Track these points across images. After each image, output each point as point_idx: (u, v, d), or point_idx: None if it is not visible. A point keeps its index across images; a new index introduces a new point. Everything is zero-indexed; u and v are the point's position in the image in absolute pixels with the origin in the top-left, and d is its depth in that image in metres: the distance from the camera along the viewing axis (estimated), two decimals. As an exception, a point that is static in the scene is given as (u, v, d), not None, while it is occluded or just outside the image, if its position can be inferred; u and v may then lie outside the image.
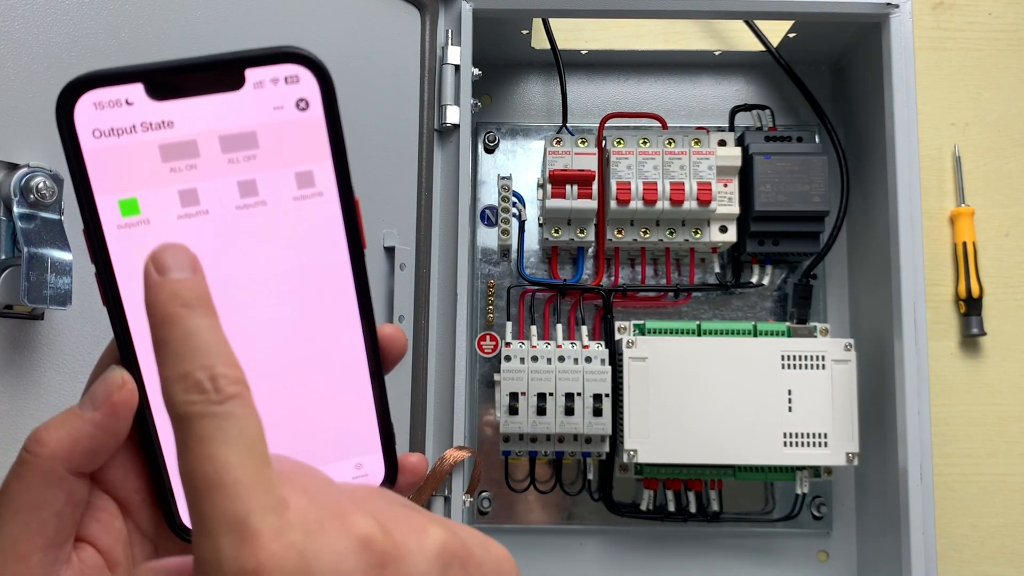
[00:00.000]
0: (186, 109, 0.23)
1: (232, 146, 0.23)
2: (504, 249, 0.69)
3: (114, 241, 0.23)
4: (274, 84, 0.23)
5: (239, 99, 0.23)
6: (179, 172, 0.23)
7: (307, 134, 0.23)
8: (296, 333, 0.25)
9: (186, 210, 0.23)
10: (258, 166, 0.23)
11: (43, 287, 0.34)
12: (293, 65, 0.23)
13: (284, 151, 0.23)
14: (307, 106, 0.23)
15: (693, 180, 0.63)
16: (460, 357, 0.55)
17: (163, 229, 0.23)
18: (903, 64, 0.58)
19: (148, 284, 0.21)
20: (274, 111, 0.23)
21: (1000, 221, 0.73)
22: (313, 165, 0.24)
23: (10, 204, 0.34)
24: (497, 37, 0.65)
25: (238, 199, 0.23)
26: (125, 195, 0.23)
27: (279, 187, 0.24)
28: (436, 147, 0.58)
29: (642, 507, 0.65)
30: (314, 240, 0.24)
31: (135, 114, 0.22)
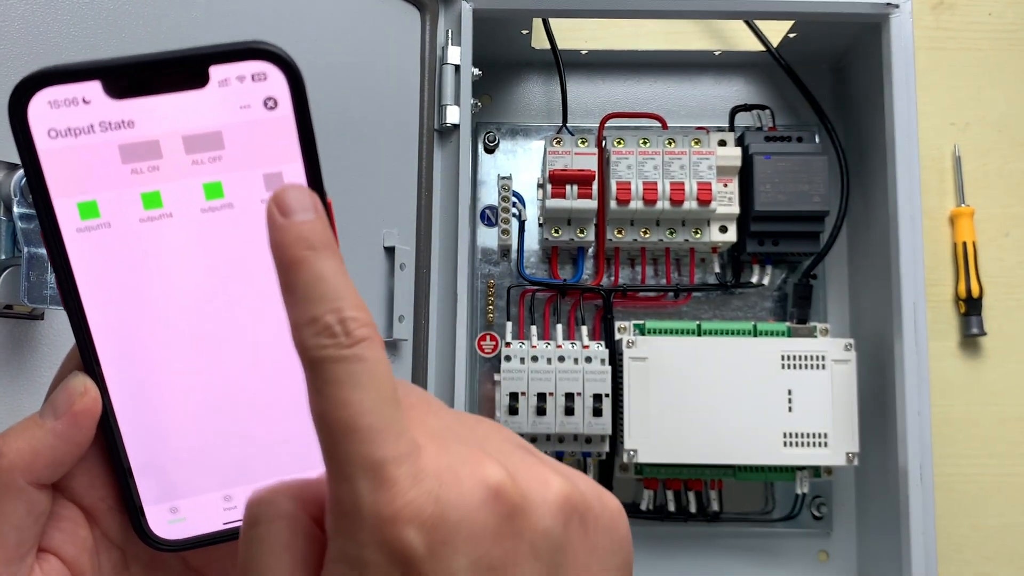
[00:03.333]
0: (147, 108, 0.21)
1: (196, 147, 0.22)
2: (504, 249, 0.69)
3: (73, 244, 0.22)
4: (240, 82, 0.22)
5: (203, 97, 0.22)
6: (141, 174, 0.22)
7: (276, 134, 0.22)
8: (261, 339, 0.24)
9: (148, 213, 0.22)
10: (224, 167, 0.22)
11: (43, 287, 0.34)
12: (260, 62, 0.22)
13: (251, 152, 0.22)
14: (275, 105, 0.22)
15: (693, 180, 0.63)
16: (460, 357, 0.55)
17: (125, 232, 0.22)
18: (903, 64, 0.58)
19: (273, 226, 0.20)
20: (240, 110, 0.22)
21: (1000, 221, 0.73)
22: (282, 166, 0.23)
23: (10, 204, 0.34)
24: (497, 37, 0.65)
25: (203, 202, 0.22)
26: (84, 198, 0.22)
27: (246, 189, 0.22)
28: (436, 147, 0.58)
29: (642, 507, 0.65)
30: None
31: (93, 113, 0.21)
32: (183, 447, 0.24)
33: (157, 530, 0.24)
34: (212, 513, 0.25)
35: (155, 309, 0.23)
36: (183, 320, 0.23)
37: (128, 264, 0.22)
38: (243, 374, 0.24)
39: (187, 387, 0.24)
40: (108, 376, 0.23)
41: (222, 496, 0.25)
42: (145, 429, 0.24)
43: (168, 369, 0.24)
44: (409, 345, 0.55)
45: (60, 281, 0.22)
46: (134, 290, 0.23)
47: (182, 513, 0.25)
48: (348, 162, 0.51)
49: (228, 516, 0.25)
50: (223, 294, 0.23)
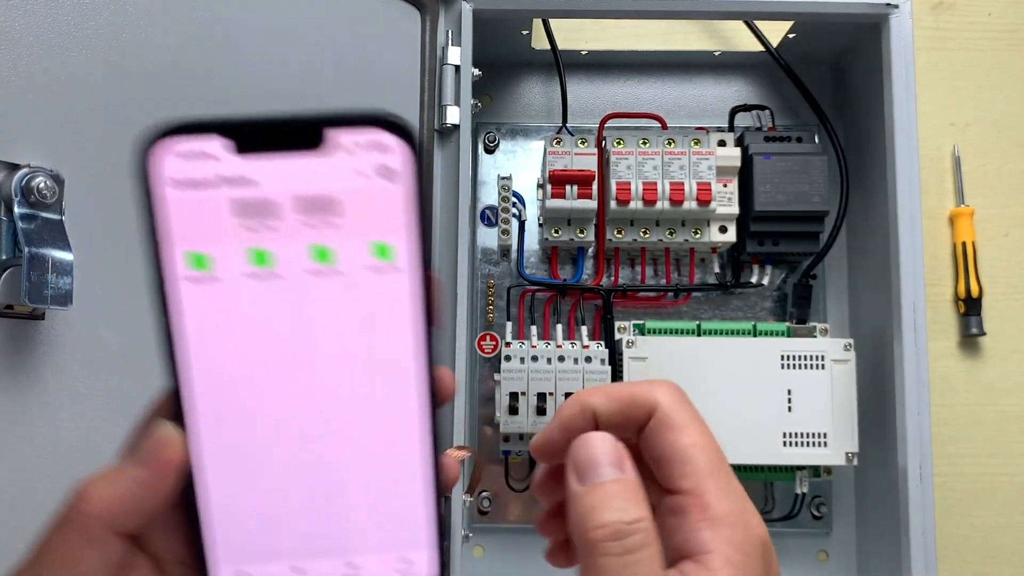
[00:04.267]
0: (267, 167, 0.22)
1: (311, 209, 0.22)
2: (504, 249, 0.69)
3: (178, 293, 0.22)
4: (359, 149, 0.22)
5: (322, 161, 0.22)
6: (254, 231, 0.22)
7: (389, 204, 0.22)
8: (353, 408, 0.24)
9: (255, 269, 0.22)
10: (334, 233, 0.22)
11: (44, 287, 0.34)
12: (381, 131, 0.22)
13: (363, 219, 0.22)
14: (392, 175, 0.22)
15: (693, 180, 0.63)
16: (460, 357, 0.55)
17: (230, 286, 0.22)
18: (903, 64, 0.58)
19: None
20: (357, 177, 0.22)
21: (1000, 221, 0.73)
22: (391, 236, 0.23)
23: (11, 204, 0.34)
24: (497, 37, 0.65)
25: (309, 263, 0.23)
26: (195, 248, 0.22)
27: (354, 255, 0.23)
28: (436, 147, 0.58)
29: (642, 507, 0.65)
30: (385, 314, 0.23)
31: (213, 167, 0.22)
32: (260, 512, 0.24)
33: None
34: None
35: (251, 366, 0.23)
36: (277, 380, 0.23)
37: (230, 318, 0.23)
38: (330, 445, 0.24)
39: (272, 451, 0.24)
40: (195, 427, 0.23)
41: (290, 567, 0.25)
42: (226, 488, 0.24)
43: (256, 431, 0.23)
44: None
45: (161, 327, 0.22)
46: (233, 344, 0.23)
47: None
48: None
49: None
50: (320, 357, 0.23)
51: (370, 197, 0.22)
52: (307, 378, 0.23)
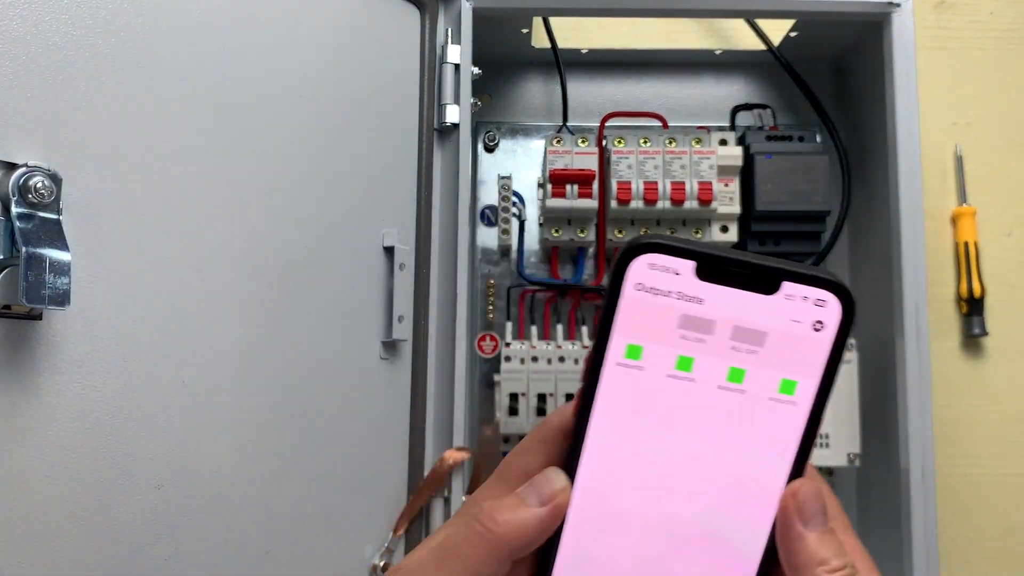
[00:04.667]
0: (719, 294, 0.26)
1: (741, 337, 0.26)
2: (504, 249, 0.68)
3: (608, 373, 0.26)
4: (803, 301, 0.26)
5: (767, 302, 0.26)
6: (687, 341, 0.26)
7: (809, 351, 0.26)
8: (716, 506, 0.27)
9: (677, 372, 0.26)
10: (754, 361, 0.26)
11: (41, 287, 0.33)
12: (828, 292, 0.26)
13: (782, 357, 0.26)
14: (821, 328, 0.26)
15: (694, 179, 0.63)
16: (460, 357, 0.55)
17: (652, 379, 0.26)
18: (904, 63, 0.58)
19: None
20: (791, 322, 0.26)
21: (1002, 221, 0.72)
22: (801, 377, 0.26)
23: (8, 204, 0.34)
24: (497, 36, 0.65)
25: (723, 380, 0.26)
26: (635, 341, 0.26)
27: (762, 384, 0.26)
28: (436, 147, 0.57)
29: (643, 507, 0.65)
30: (771, 439, 0.27)
31: (676, 283, 0.26)
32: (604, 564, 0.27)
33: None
34: None
35: (643, 445, 0.27)
36: (662, 464, 0.27)
37: (642, 404, 0.27)
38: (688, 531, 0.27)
39: (638, 532, 0.27)
40: (578, 483, 0.27)
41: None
42: (583, 551, 0.27)
43: (628, 507, 0.27)
44: (409, 345, 0.55)
45: (583, 394, 0.27)
46: (635, 424, 0.27)
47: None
48: (348, 162, 0.51)
49: None
50: (704, 458, 0.27)
51: (796, 341, 0.26)
52: (685, 467, 0.27)
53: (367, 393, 0.52)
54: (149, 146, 0.40)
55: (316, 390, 0.48)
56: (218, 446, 0.43)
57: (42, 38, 0.36)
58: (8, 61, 0.35)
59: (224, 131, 0.44)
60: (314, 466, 0.48)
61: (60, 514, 0.36)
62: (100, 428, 0.37)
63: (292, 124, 0.47)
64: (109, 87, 0.38)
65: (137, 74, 0.39)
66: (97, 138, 0.38)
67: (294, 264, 0.47)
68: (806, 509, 0.26)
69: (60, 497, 0.36)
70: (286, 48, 0.47)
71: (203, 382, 0.42)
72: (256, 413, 0.45)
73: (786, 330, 0.26)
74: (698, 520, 0.27)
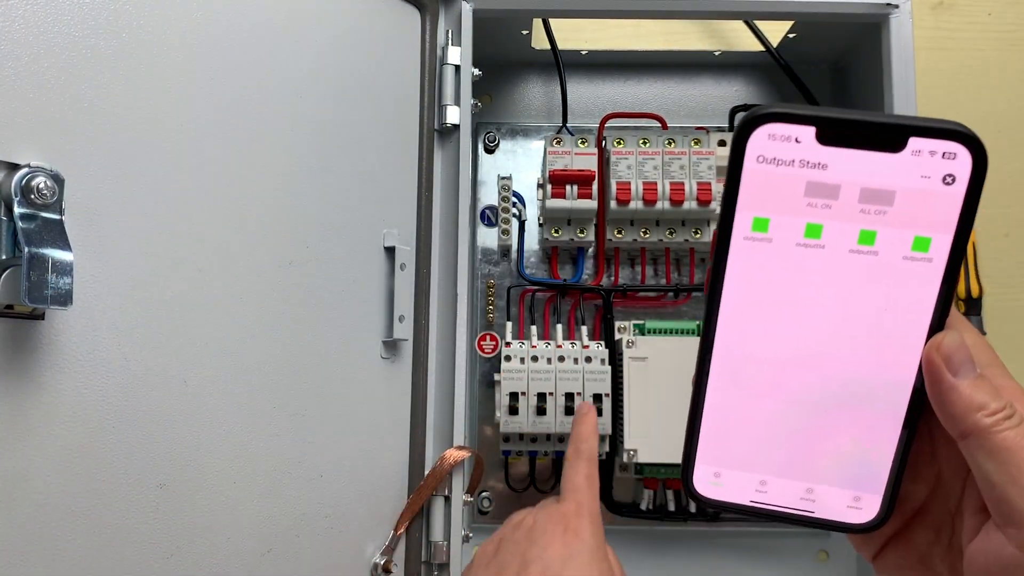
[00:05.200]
0: (842, 157, 0.25)
1: (869, 199, 0.26)
2: (504, 249, 0.69)
3: (736, 248, 0.27)
4: (931, 156, 0.25)
5: (893, 160, 0.25)
6: (814, 208, 0.26)
7: (941, 206, 0.25)
8: (856, 368, 0.27)
9: (806, 240, 0.26)
10: (884, 221, 0.26)
11: (44, 287, 0.34)
12: (956, 144, 0.25)
13: (913, 215, 0.26)
14: (952, 182, 0.25)
15: (693, 180, 0.63)
16: (460, 357, 0.55)
17: (780, 250, 0.26)
18: (903, 64, 0.58)
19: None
20: (920, 179, 0.25)
21: (1000, 221, 0.73)
22: (934, 233, 0.26)
23: (11, 204, 0.34)
24: (497, 37, 0.65)
25: (854, 244, 0.26)
26: (761, 214, 0.26)
27: (895, 244, 0.26)
28: (436, 147, 0.58)
29: (642, 507, 0.65)
30: (907, 298, 0.27)
31: (798, 151, 0.25)
32: (747, 430, 0.29)
33: (698, 485, 0.29)
34: (745, 489, 0.29)
35: (777, 314, 0.27)
36: (797, 331, 0.27)
37: (772, 275, 0.27)
38: (827, 390, 0.28)
39: (775, 385, 0.28)
40: (716, 350, 0.28)
41: (759, 480, 0.29)
42: (726, 404, 0.29)
43: (767, 365, 0.28)
44: (409, 345, 0.55)
45: (713, 272, 0.27)
46: (768, 295, 0.27)
47: (722, 480, 0.29)
48: (348, 162, 0.51)
49: (756, 496, 0.29)
50: (840, 322, 0.27)
51: (926, 197, 0.25)
52: (821, 331, 0.27)
53: (368, 392, 0.52)
54: (151, 146, 0.40)
55: (317, 389, 0.48)
56: (219, 445, 0.43)
57: (44, 39, 0.36)
58: (10, 62, 0.35)
59: (225, 132, 0.44)
60: (315, 465, 0.48)
61: (60, 514, 0.36)
62: (102, 427, 0.38)
63: (293, 125, 0.47)
64: (111, 88, 0.38)
65: (139, 75, 0.40)
66: (99, 139, 0.38)
67: (295, 264, 0.47)
68: (953, 359, 0.26)
69: (61, 496, 0.36)
70: (287, 49, 0.48)
71: (205, 382, 0.42)
72: (257, 412, 0.45)
73: (915, 187, 0.25)
74: (839, 383, 0.27)
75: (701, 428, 0.29)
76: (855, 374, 0.27)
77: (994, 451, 0.25)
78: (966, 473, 0.28)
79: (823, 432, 0.28)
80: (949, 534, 0.29)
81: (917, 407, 0.27)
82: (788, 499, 0.29)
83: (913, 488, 0.30)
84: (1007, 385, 0.27)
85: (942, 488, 0.30)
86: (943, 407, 0.26)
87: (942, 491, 0.30)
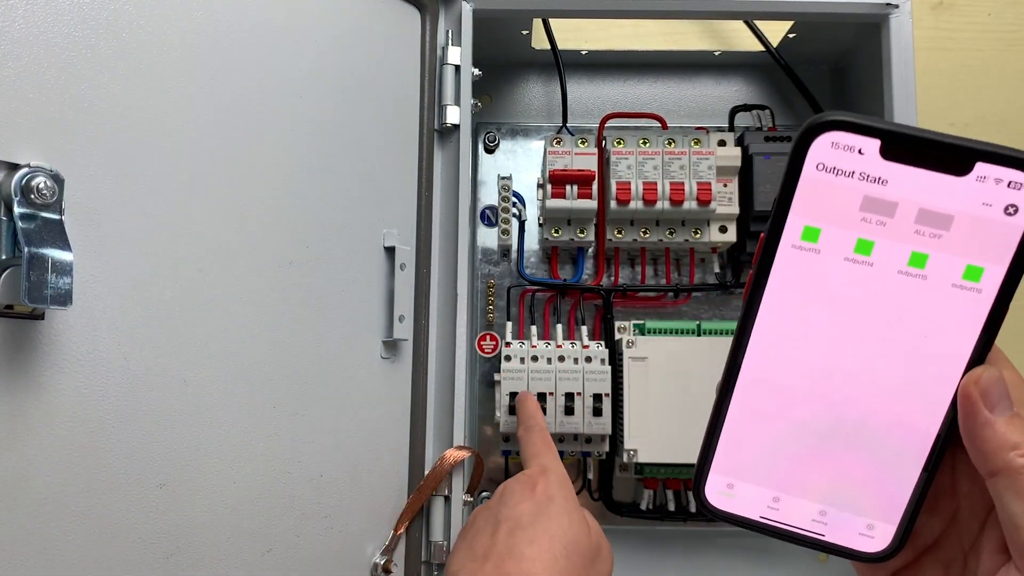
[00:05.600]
0: (904, 175, 0.24)
1: (926, 221, 0.25)
2: (504, 249, 0.69)
3: (782, 254, 0.26)
4: (996, 183, 0.24)
5: (956, 184, 0.24)
6: (868, 224, 0.25)
7: (999, 236, 0.24)
8: (888, 393, 0.27)
9: (855, 256, 0.26)
10: (938, 245, 0.25)
11: (44, 287, 0.34)
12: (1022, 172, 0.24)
13: (968, 242, 0.25)
14: (1015, 213, 0.24)
15: (693, 180, 0.63)
16: (460, 357, 0.55)
17: (828, 263, 0.26)
18: (903, 64, 0.58)
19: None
20: (981, 206, 0.24)
21: (1000, 221, 0.73)
22: (988, 264, 0.25)
23: (11, 204, 0.34)
24: (497, 37, 0.65)
25: (904, 266, 0.25)
26: (813, 223, 0.25)
27: (946, 270, 0.25)
28: (436, 147, 0.58)
29: (642, 507, 0.65)
30: (950, 327, 0.26)
31: (860, 163, 0.24)
32: (766, 444, 0.28)
33: (709, 495, 0.29)
34: (757, 504, 0.29)
35: (815, 327, 0.27)
36: (832, 347, 0.27)
37: (816, 288, 0.26)
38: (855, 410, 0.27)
39: (802, 401, 0.27)
40: (747, 358, 0.27)
41: (772, 496, 0.28)
42: (749, 414, 0.28)
43: (797, 379, 0.27)
44: (409, 345, 0.55)
45: (755, 279, 0.26)
46: (808, 308, 0.26)
47: (735, 492, 0.29)
48: (348, 162, 0.51)
49: (768, 513, 0.29)
50: (878, 344, 0.26)
51: (986, 225, 0.24)
52: (857, 351, 0.26)
53: (368, 392, 0.52)
54: (151, 146, 0.40)
55: (317, 389, 0.48)
56: (219, 445, 0.43)
57: (44, 39, 0.36)
58: (11, 62, 0.35)
59: (225, 132, 0.44)
60: (315, 465, 0.48)
61: (61, 514, 0.36)
62: (102, 427, 0.38)
63: (293, 125, 0.47)
64: (111, 88, 0.38)
65: (139, 75, 0.40)
66: (99, 138, 0.38)
67: (295, 264, 0.47)
68: (991, 395, 0.25)
69: (61, 496, 0.36)
70: (287, 49, 0.48)
71: (205, 382, 0.42)
72: (257, 412, 0.45)
73: (975, 213, 0.24)
74: (868, 406, 0.27)
75: (721, 436, 0.28)
76: (886, 399, 0.27)
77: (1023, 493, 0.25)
78: (987, 512, 0.27)
79: (844, 455, 0.27)
80: (960, 572, 0.28)
81: (945, 440, 0.27)
82: (800, 519, 0.28)
83: (929, 521, 0.29)
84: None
85: (958, 525, 0.29)
86: (975, 442, 0.26)
87: (958, 528, 0.29)
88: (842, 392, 0.27)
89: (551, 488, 0.45)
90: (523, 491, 0.46)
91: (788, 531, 0.29)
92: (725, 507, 0.29)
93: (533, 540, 0.42)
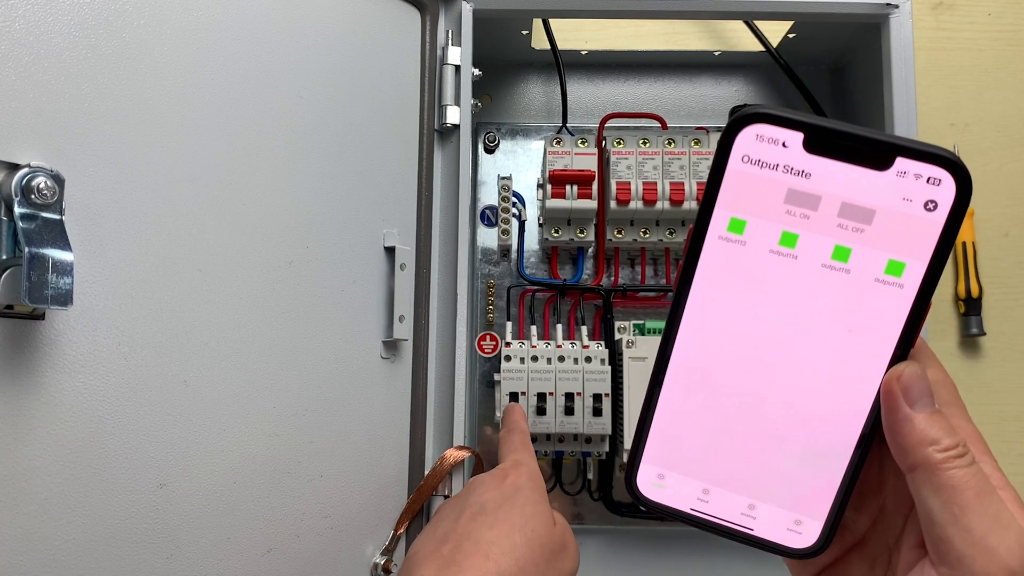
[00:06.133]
0: (827, 168, 0.25)
1: (848, 214, 0.25)
2: (504, 249, 0.69)
3: (709, 246, 0.26)
4: (916, 179, 0.24)
5: (878, 179, 0.24)
6: (792, 216, 0.25)
7: (919, 232, 0.25)
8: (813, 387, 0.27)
9: (779, 248, 0.26)
10: (860, 239, 0.25)
11: (44, 287, 0.34)
12: (943, 170, 0.24)
13: (890, 237, 0.25)
14: (934, 208, 0.24)
15: (693, 180, 0.63)
16: (460, 357, 0.55)
17: (753, 254, 0.26)
18: (903, 64, 0.58)
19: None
20: (902, 201, 0.25)
21: (1000, 221, 0.73)
22: (909, 259, 0.25)
23: (11, 204, 0.34)
24: (497, 37, 0.65)
25: (827, 259, 0.26)
26: (738, 215, 0.26)
27: (868, 264, 0.25)
28: (436, 147, 0.58)
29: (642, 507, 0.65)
30: (874, 321, 0.26)
31: (784, 156, 0.25)
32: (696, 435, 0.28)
33: (640, 484, 0.29)
34: (687, 495, 0.29)
35: (741, 320, 0.27)
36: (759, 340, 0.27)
37: (742, 279, 0.26)
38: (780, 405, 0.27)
39: (729, 393, 0.27)
40: (676, 349, 0.27)
41: (702, 488, 0.29)
42: (679, 406, 0.28)
43: (724, 372, 0.27)
44: (409, 345, 0.55)
45: (684, 270, 0.27)
46: (734, 300, 0.27)
47: (665, 482, 0.29)
48: (348, 162, 0.51)
49: (698, 505, 0.29)
50: (803, 337, 0.26)
51: (906, 220, 0.25)
52: (782, 346, 0.26)
53: (368, 392, 0.52)
54: (151, 146, 0.40)
55: (317, 389, 0.48)
56: (219, 445, 0.43)
57: (45, 39, 0.36)
58: (11, 62, 0.35)
59: (225, 132, 0.44)
60: (315, 465, 0.48)
61: (61, 513, 0.36)
62: (102, 427, 0.38)
63: (293, 125, 0.47)
64: (112, 88, 0.38)
65: (139, 75, 0.40)
66: (100, 139, 0.38)
67: (296, 264, 0.47)
68: (912, 391, 0.26)
69: (61, 496, 0.36)
70: (287, 49, 0.48)
71: (205, 382, 0.42)
72: (257, 412, 0.45)
73: (896, 208, 0.25)
74: (795, 400, 0.27)
75: (651, 427, 0.28)
76: (812, 393, 0.27)
77: (940, 488, 0.25)
78: (909, 507, 0.28)
79: (772, 448, 0.27)
80: (884, 568, 0.29)
81: (870, 435, 0.27)
82: (729, 512, 0.29)
83: (855, 518, 0.29)
84: (963, 426, 0.27)
85: (884, 521, 0.29)
86: (895, 437, 0.26)
87: (884, 524, 0.29)
88: (767, 385, 0.27)
89: (520, 479, 0.46)
90: (492, 480, 0.46)
91: (717, 524, 0.29)
92: (656, 498, 0.29)
93: (494, 525, 0.42)
